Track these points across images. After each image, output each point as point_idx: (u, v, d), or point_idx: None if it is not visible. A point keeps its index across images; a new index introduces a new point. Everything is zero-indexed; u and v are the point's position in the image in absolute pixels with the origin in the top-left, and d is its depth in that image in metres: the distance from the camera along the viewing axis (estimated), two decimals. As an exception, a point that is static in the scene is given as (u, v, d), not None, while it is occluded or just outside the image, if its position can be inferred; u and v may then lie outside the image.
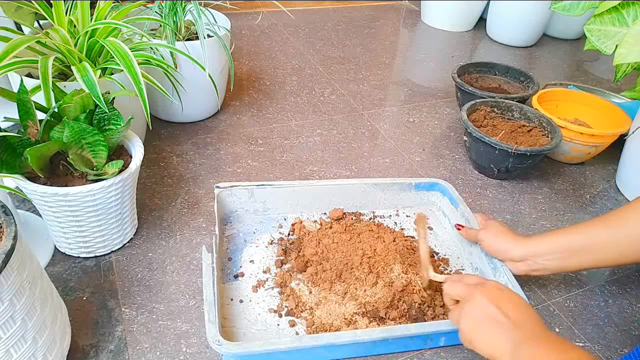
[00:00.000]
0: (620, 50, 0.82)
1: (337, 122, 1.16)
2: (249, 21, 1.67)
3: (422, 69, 1.50)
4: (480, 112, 1.08)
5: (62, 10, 0.76)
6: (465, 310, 0.54)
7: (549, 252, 0.67)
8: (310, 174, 0.98)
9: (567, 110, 1.16)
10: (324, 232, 0.80)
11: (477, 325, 0.52)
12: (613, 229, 0.64)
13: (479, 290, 0.54)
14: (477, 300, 0.53)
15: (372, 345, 0.65)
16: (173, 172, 0.94)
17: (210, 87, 0.99)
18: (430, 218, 0.89)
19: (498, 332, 0.50)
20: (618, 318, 0.76)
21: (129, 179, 0.70)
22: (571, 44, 1.82)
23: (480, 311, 0.52)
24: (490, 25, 1.77)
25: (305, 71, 1.38)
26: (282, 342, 0.59)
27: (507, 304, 0.52)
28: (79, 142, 0.65)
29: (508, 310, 0.51)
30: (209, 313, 0.59)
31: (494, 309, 0.52)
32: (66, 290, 0.70)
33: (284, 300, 0.69)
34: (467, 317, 0.53)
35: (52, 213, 0.67)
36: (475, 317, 0.53)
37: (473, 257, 0.79)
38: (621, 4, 0.90)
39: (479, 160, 1.01)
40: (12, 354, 0.48)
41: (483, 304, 0.53)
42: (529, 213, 0.95)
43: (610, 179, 1.08)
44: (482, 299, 0.53)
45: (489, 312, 0.52)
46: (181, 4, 0.95)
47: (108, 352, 0.63)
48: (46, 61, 0.67)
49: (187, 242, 0.80)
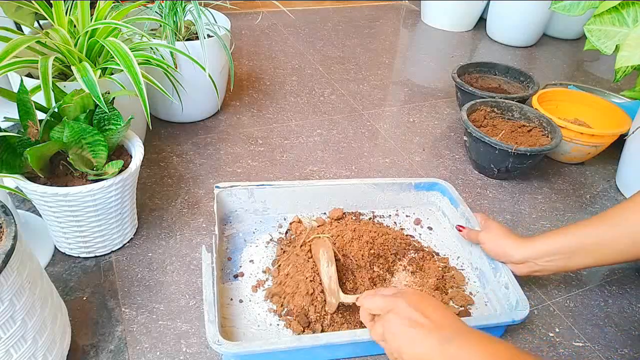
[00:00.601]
0: (623, 53, 0.82)
1: (337, 122, 1.16)
2: (249, 21, 1.67)
3: (422, 69, 1.50)
4: (480, 112, 1.08)
5: (62, 10, 0.76)
6: (388, 320, 0.52)
7: (549, 254, 0.67)
8: (310, 174, 0.98)
9: (567, 110, 1.16)
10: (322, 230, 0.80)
11: (403, 333, 0.51)
12: (612, 227, 0.64)
13: (399, 297, 0.53)
14: (399, 308, 0.52)
15: (372, 345, 0.65)
16: (173, 172, 0.94)
17: (210, 87, 0.99)
18: (430, 218, 0.89)
19: (424, 334, 0.49)
20: (618, 318, 0.76)
21: (129, 179, 0.70)
22: (571, 44, 1.82)
23: (403, 318, 0.51)
24: (490, 25, 1.77)
25: (305, 71, 1.38)
26: (282, 342, 0.59)
27: (427, 306, 0.51)
28: (79, 142, 0.65)
29: (429, 312, 0.51)
30: (209, 313, 0.59)
31: (415, 313, 0.51)
32: (66, 290, 0.70)
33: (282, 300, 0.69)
34: (392, 326, 0.52)
35: (52, 213, 0.67)
36: (399, 324, 0.51)
37: (473, 257, 0.79)
38: (621, 4, 0.90)
39: (479, 160, 1.01)
40: (12, 354, 0.48)
41: (405, 310, 0.51)
42: (529, 213, 0.95)
43: (610, 179, 1.08)
44: (404, 305, 0.52)
45: (412, 316, 0.51)
46: (181, 4, 0.95)
47: (108, 352, 0.63)
48: (46, 61, 0.67)
49: (187, 242, 0.80)
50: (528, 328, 0.72)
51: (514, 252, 0.69)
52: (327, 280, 0.66)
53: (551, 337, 0.71)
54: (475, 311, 0.72)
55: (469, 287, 0.76)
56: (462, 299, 0.72)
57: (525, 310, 0.66)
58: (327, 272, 0.66)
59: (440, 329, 0.50)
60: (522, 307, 0.66)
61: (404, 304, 0.52)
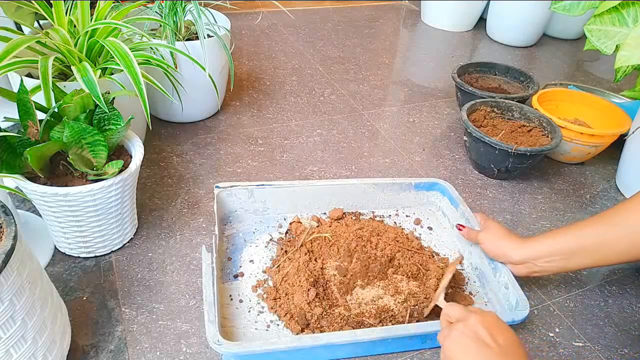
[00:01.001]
0: (622, 53, 0.82)
1: (337, 122, 1.16)
2: (249, 21, 1.67)
3: (422, 69, 1.50)
4: (480, 112, 1.08)
5: (62, 10, 0.76)
6: (456, 328, 0.53)
7: (548, 255, 0.67)
8: (310, 174, 0.98)
9: (567, 110, 1.16)
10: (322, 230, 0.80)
11: (464, 345, 0.51)
12: (611, 227, 0.64)
13: (475, 313, 0.54)
14: (471, 322, 0.53)
15: (372, 345, 0.65)
16: (173, 172, 0.94)
17: (210, 87, 0.99)
18: (430, 218, 0.89)
19: (483, 356, 0.50)
20: (618, 318, 0.76)
21: (129, 179, 0.70)
22: (571, 44, 1.82)
23: (471, 332, 0.52)
24: (490, 25, 1.77)
25: (305, 71, 1.38)
26: (282, 342, 0.59)
27: (499, 331, 0.52)
28: (79, 142, 0.65)
29: (498, 337, 0.51)
30: (209, 313, 0.59)
31: (485, 333, 0.51)
32: (66, 290, 0.70)
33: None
34: (456, 334, 0.53)
35: (52, 213, 0.67)
36: (463, 335, 0.52)
37: (473, 257, 0.79)
38: (621, 4, 0.90)
39: (479, 160, 1.01)
40: (12, 354, 0.48)
41: (475, 326, 0.52)
42: (529, 213, 0.95)
43: (610, 179, 1.08)
44: (476, 321, 0.53)
45: (480, 334, 0.51)
46: (181, 4, 0.95)
47: (108, 352, 0.63)
48: (46, 61, 0.67)
49: (187, 242, 0.80)
50: (528, 328, 0.72)
51: (513, 253, 0.70)
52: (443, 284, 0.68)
53: (551, 337, 0.71)
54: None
55: (468, 287, 0.76)
56: (462, 299, 0.72)
57: (525, 311, 0.66)
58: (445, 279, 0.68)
59: (501, 355, 0.50)
60: (522, 307, 0.66)
61: (476, 320, 0.53)
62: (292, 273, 0.70)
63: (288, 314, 0.67)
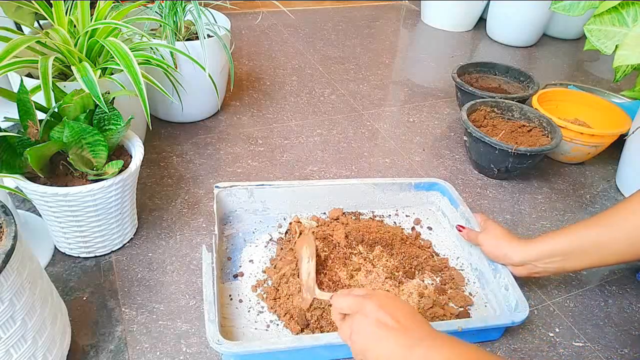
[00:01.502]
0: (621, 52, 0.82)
1: (337, 122, 1.16)
2: (249, 21, 1.67)
3: (422, 69, 1.50)
4: (480, 112, 1.08)
5: (62, 10, 0.76)
6: (356, 321, 0.52)
7: (548, 256, 0.67)
8: (310, 174, 0.98)
9: (567, 110, 1.16)
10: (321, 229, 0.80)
11: (370, 334, 0.50)
12: (610, 228, 0.64)
13: (369, 298, 0.52)
14: (368, 309, 0.51)
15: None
16: (173, 172, 0.94)
17: (210, 87, 0.99)
18: (430, 218, 0.89)
19: (391, 337, 0.49)
20: (618, 318, 0.76)
21: (129, 179, 0.70)
22: (571, 44, 1.82)
23: (371, 319, 0.50)
24: (490, 25, 1.77)
25: (305, 71, 1.38)
26: (282, 342, 0.59)
27: (397, 310, 0.51)
28: (79, 142, 0.65)
29: (399, 316, 0.50)
30: (209, 312, 0.59)
31: (384, 315, 0.50)
32: (66, 290, 0.70)
33: None
34: (359, 326, 0.51)
35: (52, 213, 0.67)
36: (367, 324, 0.50)
37: (473, 257, 0.79)
38: (621, 4, 0.90)
39: (479, 160, 1.01)
40: (12, 354, 0.48)
41: (374, 311, 0.51)
42: (529, 213, 0.95)
43: (610, 179, 1.08)
44: (373, 306, 0.51)
45: (380, 318, 0.50)
46: (181, 4, 0.95)
47: (108, 352, 0.63)
48: (46, 61, 0.67)
49: (187, 242, 0.80)
50: (528, 328, 0.72)
51: (513, 255, 0.69)
52: (305, 276, 0.66)
53: (551, 337, 0.71)
54: (474, 312, 0.72)
55: (468, 287, 0.76)
56: (462, 300, 0.72)
57: (524, 312, 0.66)
58: (306, 268, 0.66)
59: (407, 332, 0.49)
60: (522, 308, 0.66)
61: (373, 305, 0.51)
62: (288, 274, 0.70)
63: (288, 314, 0.67)
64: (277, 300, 0.69)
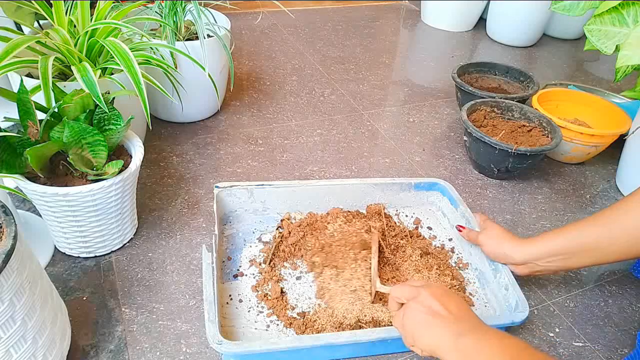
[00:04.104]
0: (624, 53, 0.82)
1: (337, 122, 1.16)
2: (249, 21, 1.67)
3: (422, 69, 1.50)
4: (480, 112, 1.08)
5: (62, 10, 0.76)
6: (410, 307, 0.54)
7: (549, 255, 0.67)
8: (310, 174, 0.98)
9: (567, 110, 1.16)
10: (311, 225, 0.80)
11: (421, 321, 0.53)
12: (609, 226, 0.64)
13: (424, 288, 0.55)
14: (422, 297, 0.54)
15: (372, 346, 0.65)
16: (173, 172, 0.94)
17: (210, 87, 0.99)
18: (430, 218, 0.89)
19: (441, 325, 0.52)
20: (618, 318, 0.76)
21: (129, 179, 0.70)
22: (571, 44, 1.82)
23: (424, 306, 0.53)
24: (490, 25, 1.77)
25: (305, 71, 1.38)
26: (282, 341, 0.59)
27: (449, 300, 0.54)
28: (79, 142, 0.65)
29: (450, 306, 0.53)
30: (209, 312, 0.59)
31: (437, 304, 0.53)
32: (66, 290, 0.70)
33: None
34: (412, 313, 0.54)
35: (52, 213, 0.67)
36: (419, 311, 0.53)
37: (473, 257, 0.79)
38: (621, 4, 0.90)
39: (479, 160, 1.01)
40: (12, 354, 0.48)
41: (427, 300, 0.54)
42: (529, 213, 0.95)
43: (610, 179, 1.08)
44: (426, 294, 0.54)
45: (432, 306, 0.53)
46: (181, 4, 0.95)
47: (108, 352, 0.63)
48: (46, 61, 0.67)
49: (187, 242, 0.80)
50: (528, 328, 0.72)
51: (515, 254, 0.70)
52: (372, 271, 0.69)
53: (551, 337, 0.71)
54: (474, 312, 0.72)
55: (468, 287, 0.76)
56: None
57: (525, 312, 0.66)
58: (372, 264, 0.70)
59: (457, 322, 0.51)
60: (522, 308, 0.66)
61: (426, 294, 0.54)
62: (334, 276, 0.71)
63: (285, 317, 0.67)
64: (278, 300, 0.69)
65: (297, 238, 0.77)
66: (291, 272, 0.74)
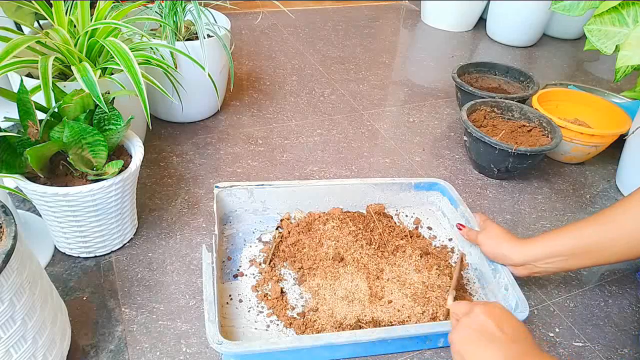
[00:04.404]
0: (624, 52, 0.82)
1: (337, 122, 1.16)
2: (249, 21, 1.67)
3: (422, 69, 1.50)
4: (480, 112, 1.08)
5: (62, 10, 0.76)
6: (462, 322, 0.54)
7: (548, 256, 0.67)
8: (310, 174, 0.98)
9: (567, 110, 1.16)
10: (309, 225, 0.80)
11: (472, 339, 0.52)
12: (608, 227, 0.64)
13: (480, 306, 0.54)
14: (475, 314, 0.53)
15: (372, 346, 0.65)
16: (173, 172, 0.94)
17: (210, 87, 0.99)
18: (430, 218, 0.89)
19: (492, 346, 0.50)
20: (618, 318, 0.76)
21: (129, 179, 0.70)
22: (571, 44, 1.82)
23: (476, 324, 0.52)
24: (490, 25, 1.77)
25: (305, 71, 1.38)
26: (282, 341, 0.59)
27: (505, 321, 0.52)
28: (79, 142, 0.65)
29: (505, 327, 0.51)
30: (209, 312, 0.59)
31: (490, 323, 0.52)
32: (66, 290, 0.70)
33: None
34: (462, 327, 0.53)
35: (52, 213, 0.67)
36: (470, 328, 0.52)
37: (473, 257, 0.79)
38: (621, 4, 0.90)
39: (479, 160, 1.01)
40: (12, 354, 0.48)
41: (480, 318, 0.53)
42: (529, 213, 0.95)
43: (610, 179, 1.08)
44: (481, 313, 0.53)
45: (486, 325, 0.52)
46: (181, 4, 0.95)
47: (108, 352, 0.63)
48: (46, 61, 0.67)
49: (187, 242, 0.80)
50: (528, 328, 0.72)
51: (514, 255, 0.69)
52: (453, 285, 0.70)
53: (551, 337, 0.71)
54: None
55: (468, 287, 0.76)
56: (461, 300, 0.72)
57: (525, 312, 0.66)
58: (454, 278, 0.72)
59: (511, 344, 0.50)
60: (522, 308, 0.66)
61: (480, 311, 0.53)
62: (323, 282, 0.71)
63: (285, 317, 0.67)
64: (278, 300, 0.69)
65: (296, 239, 0.77)
66: (291, 272, 0.74)
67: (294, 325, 0.66)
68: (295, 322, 0.66)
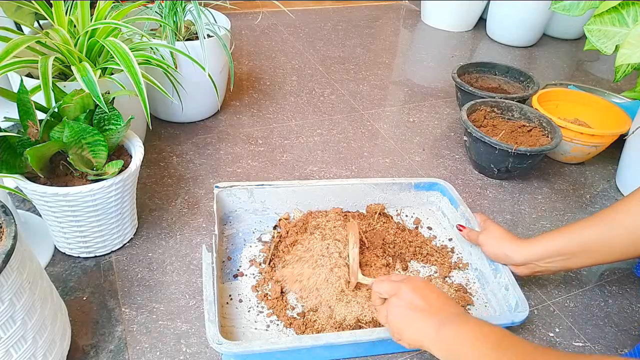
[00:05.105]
0: (623, 51, 0.82)
1: (337, 122, 1.16)
2: (249, 21, 1.67)
3: (422, 69, 1.50)
4: (480, 112, 1.08)
5: (62, 10, 0.76)
6: (392, 304, 0.56)
7: (549, 256, 0.67)
8: (310, 174, 0.98)
9: (567, 110, 1.16)
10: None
11: (404, 316, 0.55)
12: (609, 227, 0.64)
13: (404, 283, 0.57)
14: (402, 292, 0.56)
15: (372, 346, 0.65)
16: (173, 172, 0.94)
17: (210, 87, 0.99)
18: (430, 218, 0.89)
19: (422, 318, 0.53)
20: (618, 318, 0.76)
21: (129, 179, 0.70)
22: (571, 44, 1.82)
23: (405, 302, 0.55)
24: (490, 25, 1.77)
25: (305, 71, 1.38)
26: (282, 341, 0.59)
27: (429, 293, 0.55)
28: (79, 142, 0.65)
29: (431, 299, 0.55)
30: (209, 312, 0.59)
31: (417, 299, 0.55)
32: (66, 290, 0.70)
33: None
34: (394, 309, 0.56)
35: (52, 213, 0.67)
36: (401, 307, 0.55)
37: (473, 257, 0.79)
38: (621, 4, 0.90)
39: (479, 160, 1.01)
40: (12, 354, 0.48)
41: (408, 295, 0.55)
42: (529, 213, 0.95)
43: (610, 179, 1.08)
44: (407, 290, 0.56)
45: (413, 301, 0.55)
46: (181, 4, 0.95)
47: (108, 352, 0.63)
48: (46, 61, 0.67)
49: (187, 242, 0.80)
50: (528, 328, 0.72)
51: (515, 255, 0.70)
52: (351, 261, 0.69)
53: (551, 337, 0.71)
54: (474, 312, 0.72)
55: (468, 287, 0.76)
56: (462, 300, 0.72)
57: (525, 312, 0.66)
58: (352, 254, 0.69)
59: (437, 313, 0.53)
60: (522, 308, 0.66)
61: (407, 289, 0.56)
62: (309, 265, 0.71)
63: (312, 310, 0.67)
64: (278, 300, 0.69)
65: (294, 239, 0.77)
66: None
67: (294, 325, 0.66)
68: (295, 322, 0.66)
